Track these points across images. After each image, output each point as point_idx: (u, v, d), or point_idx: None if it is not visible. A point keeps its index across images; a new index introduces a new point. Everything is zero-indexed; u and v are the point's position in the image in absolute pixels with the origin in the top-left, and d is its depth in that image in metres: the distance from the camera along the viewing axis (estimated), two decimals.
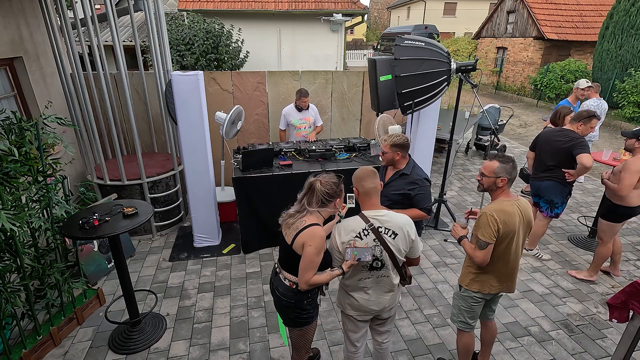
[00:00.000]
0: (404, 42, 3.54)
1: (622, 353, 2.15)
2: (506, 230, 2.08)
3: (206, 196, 3.90)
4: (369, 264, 1.95)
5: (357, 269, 1.97)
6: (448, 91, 8.19)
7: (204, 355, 2.73)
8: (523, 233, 2.20)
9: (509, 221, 2.08)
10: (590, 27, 15.13)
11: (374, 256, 1.92)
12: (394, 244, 1.92)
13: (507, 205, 2.11)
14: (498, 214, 2.07)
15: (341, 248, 1.91)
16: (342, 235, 1.92)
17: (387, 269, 1.98)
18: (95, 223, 2.43)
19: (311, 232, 1.85)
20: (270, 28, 11.85)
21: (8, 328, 2.62)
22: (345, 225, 1.94)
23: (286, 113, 4.57)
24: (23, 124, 2.42)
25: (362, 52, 26.94)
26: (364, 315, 2.12)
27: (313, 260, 1.85)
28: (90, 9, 3.64)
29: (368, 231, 1.89)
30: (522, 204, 2.17)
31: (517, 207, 2.13)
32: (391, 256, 1.94)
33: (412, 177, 2.76)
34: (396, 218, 1.93)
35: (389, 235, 1.91)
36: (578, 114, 3.51)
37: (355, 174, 1.98)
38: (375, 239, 1.89)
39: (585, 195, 5.70)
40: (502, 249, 2.16)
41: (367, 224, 1.89)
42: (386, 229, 1.90)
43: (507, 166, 2.11)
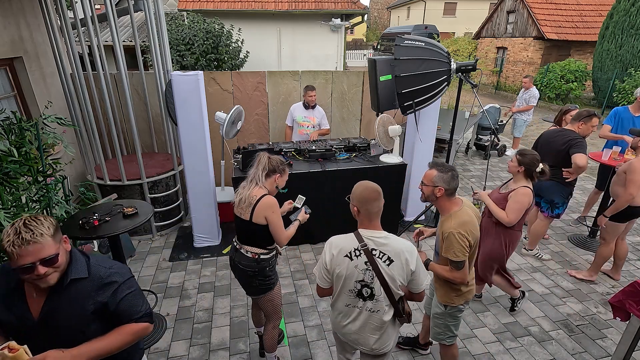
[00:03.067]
0: (404, 42, 3.54)
1: (622, 353, 2.15)
2: (474, 239, 2.02)
3: (206, 196, 3.90)
4: (357, 290, 1.75)
5: (343, 293, 1.79)
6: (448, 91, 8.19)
7: (204, 355, 2.73)
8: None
9: (473, 230, 2.01)
10: (590, 27, 15.14)
11: (363, 281, 1.72)
12: (389, 272, 1.69)
13: (463, 215, 2.01)
14: (464, 228, 1.97)
15: (329, 265, 1.76)
16: (333, 249, 1.75)
17: (379, 301, 1.74)
18: (95, 223, 2.43)
19: (266, 202, 2.12)
20: (270, 28, 11.85)
21: None
22: (336, 241, 1.77)
23: (293, 109, 4.66)
24: (23, 124, 2.42)
25: (362, 52, 26.95)
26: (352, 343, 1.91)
27: (279, 222, 2.16)
28: (90, 9, 3.64)
29: (360, 251, 1.70)
30: (469, 205, 2.11)
31: (471, 211, 2.06)
32: (384, 285, 1.71)
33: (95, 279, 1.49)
34: (396, 243, 1.72)
35: (384, 260, 1.69)
36: (578, 113, 3.51)
37: (360, 194, 1.74)
38: (367, 261, 1.69)
39: (585, 195, 5.70)
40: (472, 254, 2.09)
41: (361, 244, 1.70)
42: (381, 253, 1.69)
43: (445, 175, 1.98)
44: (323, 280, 1.82)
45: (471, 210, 2.08)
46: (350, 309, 1.81)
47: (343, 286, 1.77)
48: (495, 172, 6.64)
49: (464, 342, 2.88)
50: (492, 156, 7.50)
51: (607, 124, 4.28)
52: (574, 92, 12.63)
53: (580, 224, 4.66)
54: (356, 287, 1.75)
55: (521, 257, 4.01)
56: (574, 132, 3.46)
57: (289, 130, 4.77)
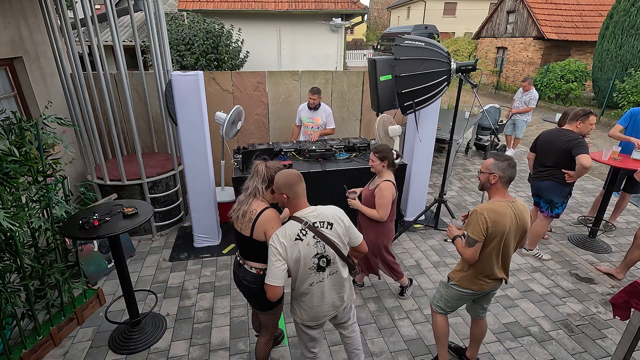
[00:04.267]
0: (404, 42, 3.54)
1: (622, 353, 2.15)
2: (495, 230, 2.09)
3: (206, 196, 3.90)
4: (316, 265, 1.89)
5: (305, 274, 1.90)
6: (448, 91, 8.19)
7: (204, 355, 2.73)
8: (514, 235, 2.18)
9: (499, 221, 2.08)
10: (590, 27, 15.15)
11: (318, 254, 1.88)
12: (334, 234, 1.91)
13: (500, 206, 2.11)
14: (489, 213, 2.08)
15: (286, 255, 1.84)
16: (281, 240, 1.84)
17: (335, 263, 1.95)
18: (95, 223, 2.43)
19: (267, 217, 2.01)
20: (270, 28, 11.85)
21: (8, 328, 2.62)
22: (282, 232, 1.87)
23: (299, 110, 4.69)
24: (23, 124, 2.42)
25: (362, 52, 26.95)
26: (320, 320, 2.07)
27: None
28: (90, 9, 3.64)
29: (306, 230, 1.86)
30: (517, 206, 2.15)
31: (511, 209, 2.13)
32: (334, 248, 1.91)
33: None
34: (325, 210, 1.94)
35: (325, 227, 1.90)
36: (575, 112, 3.50)
37: (285, 181, 1.89)
38: (315, 235, 1.87)
39: (585, 195, 5.71)
40: (492, 248, 2.16)
41: (302, 224, 1.86)
42: (320, 223, 1.89)
43: (501, 164, 2.11)
44: (279, 277, 1.84)
45: (513, 209, 2.12)
46: (314, 286, 1.96)
47: (303, 269, 1.89)
48: None
49: (464, 342, 2.88)
50: None
51: (619, 124, 4.22)
52: (574, 92, 12.63)
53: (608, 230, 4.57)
54: (314, 262, 1.89)
55: (521, 257, 4.01)
56: (574, 132, 3.46)
57: (297, 129, 4.81)
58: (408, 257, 3.97)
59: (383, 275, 3.67)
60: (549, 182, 3.62)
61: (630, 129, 4.13)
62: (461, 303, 2.43)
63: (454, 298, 2.39)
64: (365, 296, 3.38)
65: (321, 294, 1.98)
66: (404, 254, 4.04)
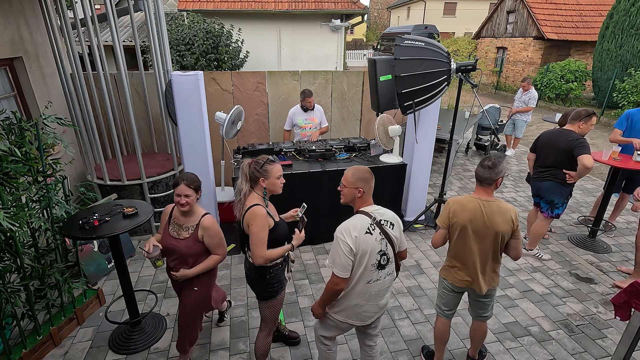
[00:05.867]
0: (404, 42, 3.54)
1: (622, 353, 2.15)
2: (455, 221, 2.22)
3: (206, 196, 3.90)
4: (377, 262, 1.92)
5: (366, 270, 1.91)
6: (448, 91, 8.20)
7: (204, 355, 2.73)
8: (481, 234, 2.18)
9: (458, 213, 2.20)
10: (590, 27, 15.15)
11: (381, 251, 1.92)
12: (394, 234, 1.97)
13: (468, 200, 2.22)
14: (453, 203, 2.25)
15: (355, 247, 1.84)
16: (352, 232, 1.85)
17: (391, 263, 2.00)
18: (95, 223, 2.43)
19: (251, 213, 2.03)
20: (270, 28, 11.85)
21: (8, 328, 2.62)
22: (351, 225, 1.88)
23: (292, 114, 4.60)
24: (23, 124, 2.41)
25: (362, 52, 26.94)
26: (365, 321, 2.05)
27: (259, 237, 2.01)
28: (90, 9, 3.64)
29: (374, 226, 1.90)
30: (491, 206, 2.17)
31: (481, 206, 2.17)
32: (394, 248, 1.98)
33: None
34: (388, 211, 2.01)
35: (389, 226, 1.95)
36: (577, 112, 3.50)
37: (362, 176, 1.94)
38: (381, 232, 1.91)
39: (585, 195, 5.71)
40: (456, 241, 2.27)
41: (372, 219, 1.91)
42: (385, 221, 1.95)
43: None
44: (345, 268, 1.86)
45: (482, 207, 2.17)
46: (371, 285, 1.96)
47: (366, 264, 1.90)
48: None
49: (463, 342, 2.88)
50: None
51: (618, 129, 4.21)
52: (574, 92, 12.63)
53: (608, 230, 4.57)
54: (377, 259, 1.92)
55: (521, 257, 4.01)
56: (575, 132, 3.46)
57: (287, 134, 4.73)
58: (408, 257, 3.97)
59: None
60: (550, 182, 3.62)
61: (629, 131, 4.13)
62: (450, 299, 2.45)
63: (442, 291, 2.48)
64: None
65: (376, 294, 1.99)
66: None
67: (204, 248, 2.29)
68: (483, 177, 2.18)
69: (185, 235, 2.25)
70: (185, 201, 2.18)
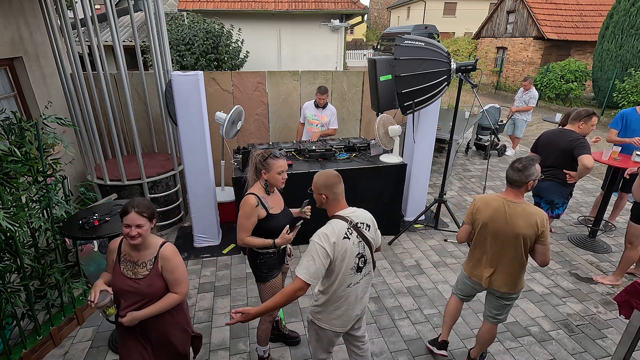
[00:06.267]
0: (404, 42, 3.54)
1: (622, 353, 2.15)
2: (477, 217, 2.30)
3: (206, 196, 3.90)
4: (356, 265, 1.90)
5: (345, 274, 1.87)
6: (448, 91, 8.20)
7: (204, 355, 2.73)
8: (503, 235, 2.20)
9: (482, 210, 2.28)
10: (590, 27, 15.15)
11: (359, 254, 1.90)
12: (371, 236, 1.96)
13: (493, 199, 2.27)
14: (478, 200, 2.32)
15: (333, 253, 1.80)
16: (330, 239, 1.80)
17: (369, 263, 1.99)
18: (95, 223, 2.43)
19: (243, 200, 2.18)
20: (270, 28, 11.85)
21: (8, 328, 2.62)
22: (327, 231, 1.83)
23: (305, 107, 4.72)
24: (23, 124, 2.42)
25: (362, 52, 26.94)
26: (349, 325, 2.04)
27: (242, 223, 2.17)
28: (90, 9, 3.64)
29: (351, 230, 1.87)
30: (516, 208, 2.18)
31: (505, 207, 2.20)
32: (371, 249, 1.98)
33: None
34: (363, 212, 1.99)
35: (365, 228, 1.94)
36: (578, 113, 3.50)
37: (325, 181, 1.90)
38: (358, 235, 1.89)
39: (585, 195, 5.71)
40: (476, 236, 2.34)
41: (348, 223, 1.88)
42: (361, 223, 1.93)
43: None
44: (317, 275, 1.79)
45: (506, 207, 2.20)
46: (351, 289, 1.94)
47: (345, 269, 1.87)
48: (495, 172, 6.64)
49: (464, 342, 2.88)
50: (492, 156, 7.50)
51: (613, 129, 4.22)
52: (574, 92, 12.63)
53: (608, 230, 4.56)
54: (355, 262, 1.90)
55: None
56: (575, 132, 3.46)
57: (301, 127, 4.84)
58: (408, 257, 3.97)
59: (383, 275, 3.67)
60: (550, 182, 3.62)
61: (624, 131, 4.15)
62: (466, 287, 2.56)
63: (460, 277, 2.61)
64: None
65: (355, 297, 1.98)
66: (404, 253, 4.04)
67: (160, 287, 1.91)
68: (512, 179, 2.20)
69: (143, 272, 1.87)
70: (136, 232, 1.79)
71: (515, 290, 2.31)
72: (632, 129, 4.09)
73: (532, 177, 2.17)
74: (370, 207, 2.15)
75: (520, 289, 2.33)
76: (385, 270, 3.75)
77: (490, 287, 2.36)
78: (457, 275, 3.67)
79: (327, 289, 1.92)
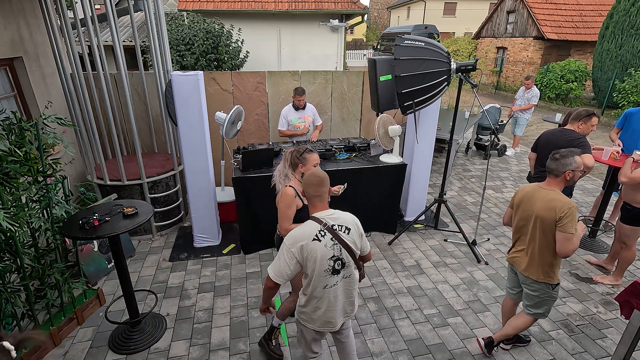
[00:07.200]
0: (404, 42, 3.54)
1: (622, 353, 2.15)
2: (514, 201, 2.51)
3: (206, 196, 3.90)
4: (331, 267, 1.90)
5: (319, 276, 1.90)
6: (448, 91, 8.20)
7: (204, 355, 2.73)
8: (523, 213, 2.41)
9: (518, 193, 2.49)
10: (590, 27, 15.14)
11: (334, 256, 1.89)
12: (350, 239, 1.94)
13: (531, 185, 2.44)
14: (522, 187, 2.50)
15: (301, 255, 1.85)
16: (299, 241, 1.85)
17: (349, 267, 1.98)
18: (95, 223, 2.43)
19: (282, 192, 2.43)
20: (270, 28, 11.85)
21: (8, 328, 2.62)
22: (298, 233, 1.88)
23: (285, 113, 4.57)
24: (23, 124, 2.42)
25: (362, 52, 26.94)
26: (330, 327, 2.05)
27: (284, 212, 2.40)
28: (90, 9, 3.64)
29: (324, 232, 1.88)
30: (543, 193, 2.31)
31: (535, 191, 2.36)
32: (349, 252, 1.94)
33: None
34: (345, 215, 1.99)
35: (344, 231, 1.92)
36: (578, 113, 3.50)
37: (306, 179, 1.97)
38: (333, 237, 1.89)
39: (585, 195, 5.71)
40: (514, 218, 2.52)
41: (322, 225, 1.89)
42: (339, 226, 1.92)
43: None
44: (281, 274, 1.88)
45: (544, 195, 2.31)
46: (327, 290, 1.95)
47: (318, 270, 1.88)
48: (495, 172, 6.63)
49: (464, 342, 2.88)
50: (492, 156, 7.50)
51: (616, 127, 4.29)
52: (574, 92, 12.63)
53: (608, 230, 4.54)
54: (330, 264, 1.90)
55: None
56: (575, 132, 3.46)
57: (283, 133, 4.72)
58: (408, 257, 3.97)
59: (383, 275, 3.68)
60: None
61: (625, 130, 4.16)
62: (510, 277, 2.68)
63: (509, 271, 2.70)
64: (365, 296, 3.38)
65: (334, 298, 1.98)
66: (404, 253, 4.04)
67: None
68: (550, 168, 2.33)
69: None
70: None
71: (538, 278, 2.38)
72: (633, 128, 4.10)
73: (568, 167, 2.26)
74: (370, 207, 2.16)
75: (546, 281, 2.37)
76: (385, 270, 3.75)
77: (513, 264, 2.54)
78: (457, 275, 3.69)
79: (306, 289, 1.98)
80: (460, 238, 4.26)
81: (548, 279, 2.37)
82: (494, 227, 4.67)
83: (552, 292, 2.41)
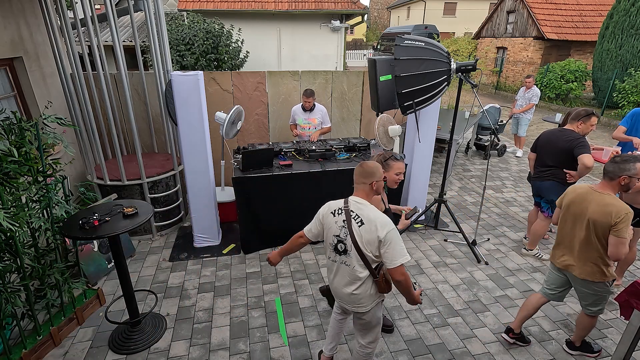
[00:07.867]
0: (404, 42, 3.54)
1: (622, 353, 2.15)
2: (564, 201, 2.51)
3: (206, 196, 3.90)
4: (334, 244, 2.05)
5: (326, 246, 2.11)
6: (448, 91, 8.20)
7: (204, 355, 2.73)
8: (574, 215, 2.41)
9: (569, 194, 2.47)
10: (590, 27, 15.14)
11: (339, 237, 2.01)
12: (358, 232, 1.94)
13: (582, 188, 2.42)
14: (570, 188, 2.52)
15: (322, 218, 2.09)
16: (326, 208, 2.10)
17: (350, 257, 1.98)
18: (95, 223, 2.43)
19: None
20: (270, 28, 11.85)
21: (8, 328, 2.62)
22: (330, 202, 2.11)
23: (294, 112, 4.68)
24: (23, 124, 2.41)
25: (362, 52, 26.93)
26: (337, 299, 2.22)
27: None
28: (90, 9, 3.64)
29: (342, 210, 2.00)
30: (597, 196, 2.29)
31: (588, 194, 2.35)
32: (354, 244, 1.94)
33: None
34: (370, 211, 1.95)
35: (357, 221, 1.96)
36: (577, 112, 3.50)
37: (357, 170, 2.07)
38: (345, 220, 1.98)
39: None
40: (561, 219, 2.52)
41: (344, 205, 2.01)
42: (356, 215, 1.96)
43: None
44: (309, 229, 2.17)
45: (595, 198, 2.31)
46: (331, 263, 2.12)
47: (327, 241, 2.10)
48: (495, 172, 6.63)
49: (464, 342, 2.88)
50: (492, 156, 7.50)
51: (622, 126, 4.23)
52: (574, 92, 12.63)
53: None
54: (333, 241, 2.04)
55: (521, 257, 4.01)
56: (575, 132, 3.46)
57: (293, 128, 4.79)
58: None
59: None
60: (550, 182, 3.62)
61: (631, 129, 4.13)
62: (552, 277, 2.69)
63: (548, 270, 2.74)
64: None
65: (333, 275, 2.13)
66: None
67: None
68: (606, 170, 2.31)
69: None
70: None
71: (592, 279, 2.39)
72: (638, 129, 4.08)
73: (626, 171, 2.22)
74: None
75: (603, 280, 2.39)
76: None
77: (566, 270, 2.52)
78: (457, 275, 3.69)
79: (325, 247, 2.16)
80: (460, 238, 4.26)
81: (604, 277, 2.39)
82: (494, 227, 4.67)
83: (609, 287, 2.46)
